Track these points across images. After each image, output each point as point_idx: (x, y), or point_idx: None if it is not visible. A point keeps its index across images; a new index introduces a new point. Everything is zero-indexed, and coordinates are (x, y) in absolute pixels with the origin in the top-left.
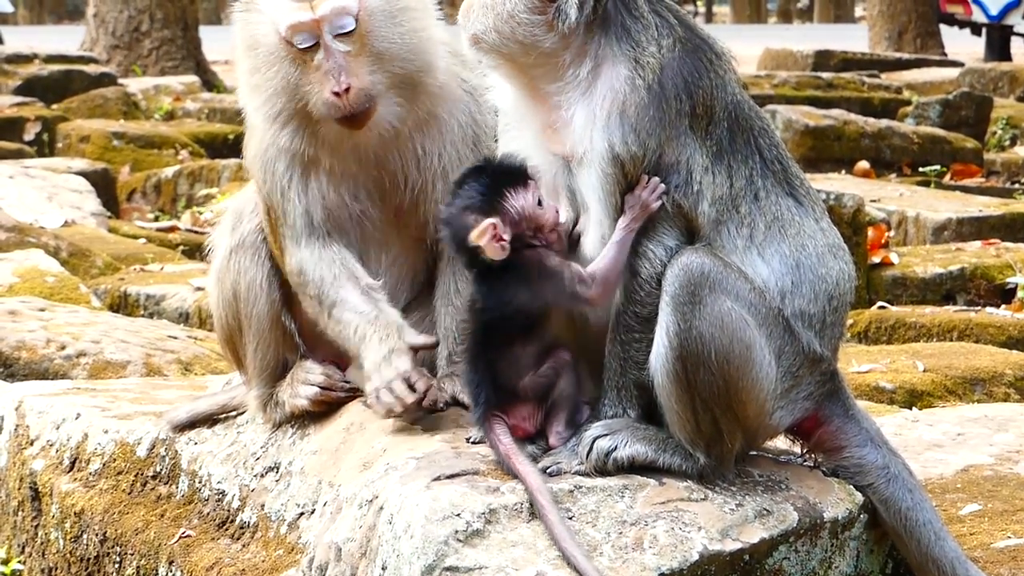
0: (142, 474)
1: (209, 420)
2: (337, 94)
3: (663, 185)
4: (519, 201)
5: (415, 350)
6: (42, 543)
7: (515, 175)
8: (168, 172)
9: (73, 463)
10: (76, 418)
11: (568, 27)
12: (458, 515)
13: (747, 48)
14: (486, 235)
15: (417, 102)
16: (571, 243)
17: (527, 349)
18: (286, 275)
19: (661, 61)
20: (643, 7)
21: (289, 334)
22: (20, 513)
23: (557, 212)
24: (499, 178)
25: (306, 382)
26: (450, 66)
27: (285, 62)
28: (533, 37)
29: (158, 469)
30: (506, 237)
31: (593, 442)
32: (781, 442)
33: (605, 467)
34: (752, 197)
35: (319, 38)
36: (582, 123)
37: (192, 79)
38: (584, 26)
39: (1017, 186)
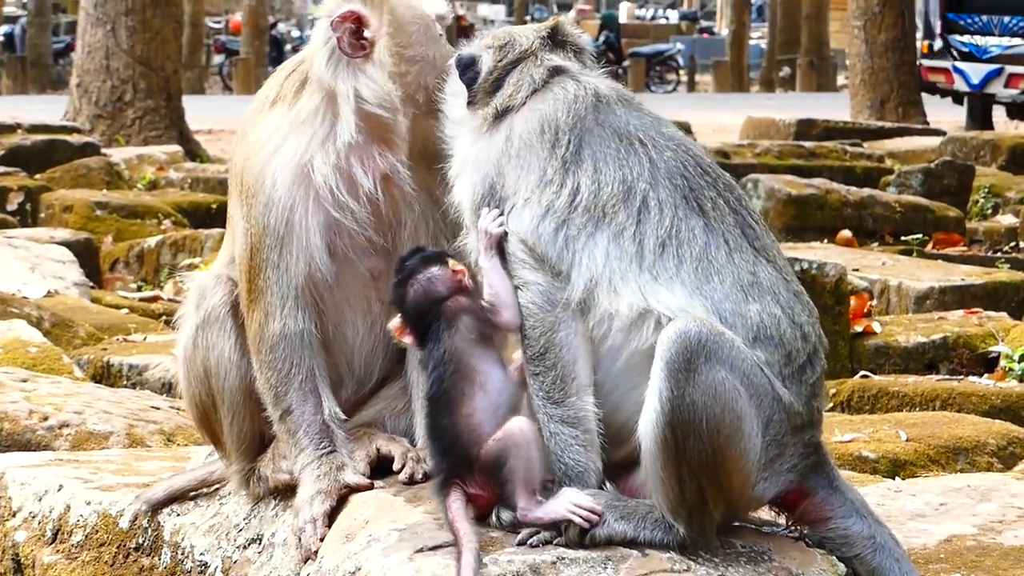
0: (124, 546)
1: (187, 496)
2: None
3: (501, 216)
4: (409, 297)
5: (349, 489)
6: None
7: (408, 270)
8: (151, 242)
9: (55, 535)
10: (58, 489)
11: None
12: None
13: (730, 117)
14: (396, 333)
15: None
16: None
17: (484, 413)
18: (250, 335)
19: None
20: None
21: (263, 405)
22: None
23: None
24: (400, 276)
25: (287, 456)
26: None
27: (438, 40)
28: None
29: (140, 541)
30: (408, 334)
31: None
32: (765, 512)
33: (583, 543)
34: (621, 198)
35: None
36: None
37: (175, 149)
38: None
39: (999, 255)
